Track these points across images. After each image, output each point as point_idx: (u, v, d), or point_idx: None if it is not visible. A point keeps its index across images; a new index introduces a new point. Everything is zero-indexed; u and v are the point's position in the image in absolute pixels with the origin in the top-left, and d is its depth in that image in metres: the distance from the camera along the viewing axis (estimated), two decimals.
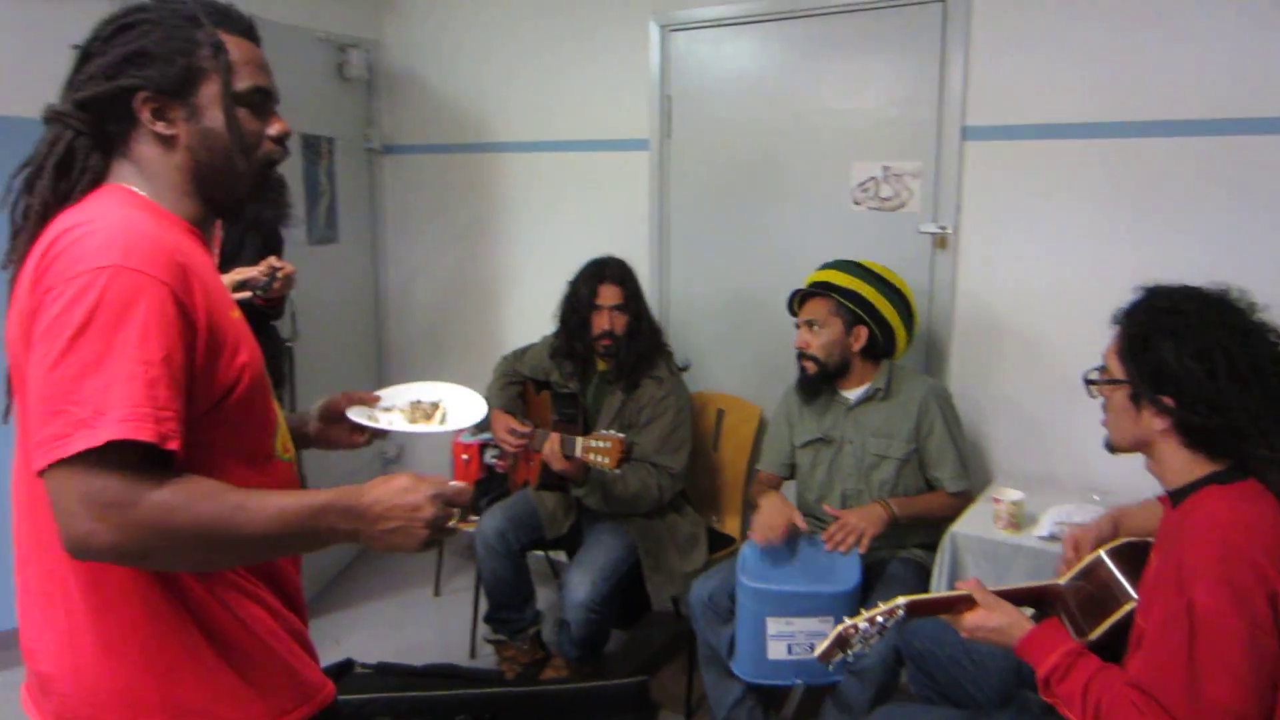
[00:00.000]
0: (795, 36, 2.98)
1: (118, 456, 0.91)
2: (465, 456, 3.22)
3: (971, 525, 2.25)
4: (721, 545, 2.89)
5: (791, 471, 2.66)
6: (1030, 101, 2.60)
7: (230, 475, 1.04)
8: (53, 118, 1.07)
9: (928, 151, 2.78)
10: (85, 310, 0.92)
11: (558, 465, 2.53)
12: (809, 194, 3.00)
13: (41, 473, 0.92)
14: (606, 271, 2.77)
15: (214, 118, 1.09)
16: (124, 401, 0.91)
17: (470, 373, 3.72)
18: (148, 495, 0.93)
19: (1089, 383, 1.55)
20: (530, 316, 3.27)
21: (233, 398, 1.05)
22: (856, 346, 2.48)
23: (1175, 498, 1.45)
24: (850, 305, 2.44)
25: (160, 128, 1.08)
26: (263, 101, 1.14)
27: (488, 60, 3.68)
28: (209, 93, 1.09)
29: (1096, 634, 1.51)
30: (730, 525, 3.02)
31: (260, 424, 1.13)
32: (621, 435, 2.46)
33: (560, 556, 3.31)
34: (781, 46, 3.02)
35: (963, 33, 2.66)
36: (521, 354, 3.04)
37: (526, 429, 2.70)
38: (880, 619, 1.49)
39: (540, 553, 3.33)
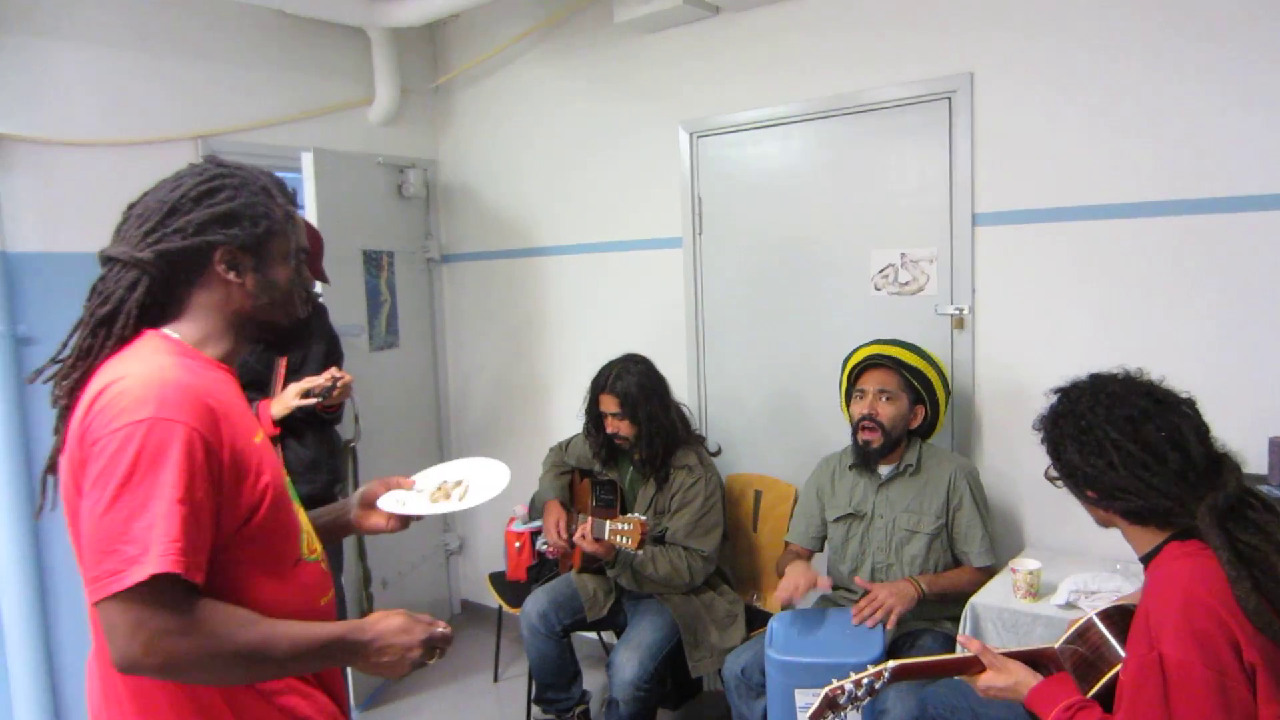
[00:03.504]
0: (813, 136, 3.19)
1: (163, 586, 1.05)
2: (518, 544, 3.39)
3: (992, 595, 2.31)
4: (762, 622, 2.97)
5: (821, 545, 2.76)
6: (1032, 188, 2.74)
7: (260, 585, 1.20)
8: (133, 263, 1.20)
9: (942, 237, 2.92)
10: (128, 461, 1.06)
11: (588, 547, 2.68)
12: (832, 282, 3.16)
13: (96, 604, 1.07)
14: (605, 381, 2.92)
15: (279, 270, 1.30)
16: (163, 539, 1.05)
17: (524, 464, 3.93)
18: (189, 623, 1.07)
19: (1050, 479, 1.68)
20: (578, 409, 3.46)
21: (258, 516, 1.19)
22: (913, 424, 2.58)
23: (1144, 562, 1.54)
24: (916, 384, 2.55)
25: (231, 276, 1.25)
26: (304, 259, 1.37)
27: (533, 172, 3.99)
28: (277, 249, 1.29)
29: (1090, 694, 1.57)
30: (770, 602, 3.10)
31: (285, 534, 1.27)
32: (643, 518, 2.61)
33: (612, 638, 3.42)
34: (801, 146, 3.23)
35: (967, 127, 2.83)
36: (566, 445, 3.22)
37: (564, 541, 2.87)
38: (867, 680, 1.59)
39: (591, 634, 3.44)
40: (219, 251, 1.23)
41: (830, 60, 3.10)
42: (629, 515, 2.60)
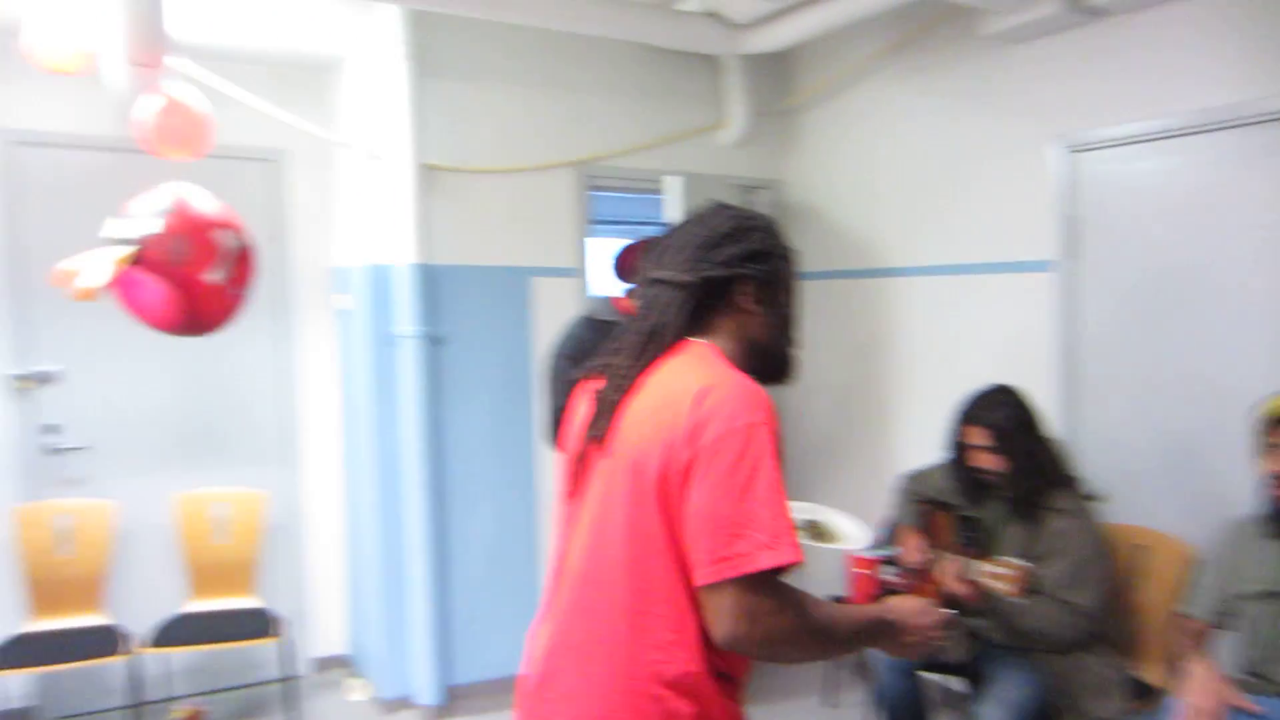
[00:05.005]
0: (1222, 148, 2.82)
1: (774, 570, 1.18)
2: (862, 572, 3.31)
3: None
4: (1141, 694, 2.66)
5: (1225, 622, 2.40)
6: None
7: None
8: (679, 285, 1.36)
9: None
10: (753, 458, 1.20)
11: (956, 587, 2.54)
12: (1242, 318, 2.77)
13: (713, 585, 1.19)
14: (973, 412, 2.75)
15: (785, 303, 1.44)
16: (788, 531, 1.19)
17: (864, 487, 3.86)
18: (785, 604, 1.21)
19: None
20: (923, 437, 3.33)
21: None
22: None
23: None
24: None
25: (750, 307, 1.39)
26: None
27: (882, 191, 3.90)
28: (784, 285, 1.44)
29: None
30: (1152, 672, 2.77)
31: None
32: (1025, 564, 2.42)
33: (955, 683, 3.24)
34: (1207, 159, 2.86)
35: None
36: (922, 474, 3.10)
37: (929, 558, 2.75)
38: None
39: (935, 675, 3.28)
40: (746, 283, 1.38)
41: (1236, 64, 2.72)
42: (1006, 559, 2.43)
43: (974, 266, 3.56)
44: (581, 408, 1.44)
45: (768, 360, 1.43)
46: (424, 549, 3.47)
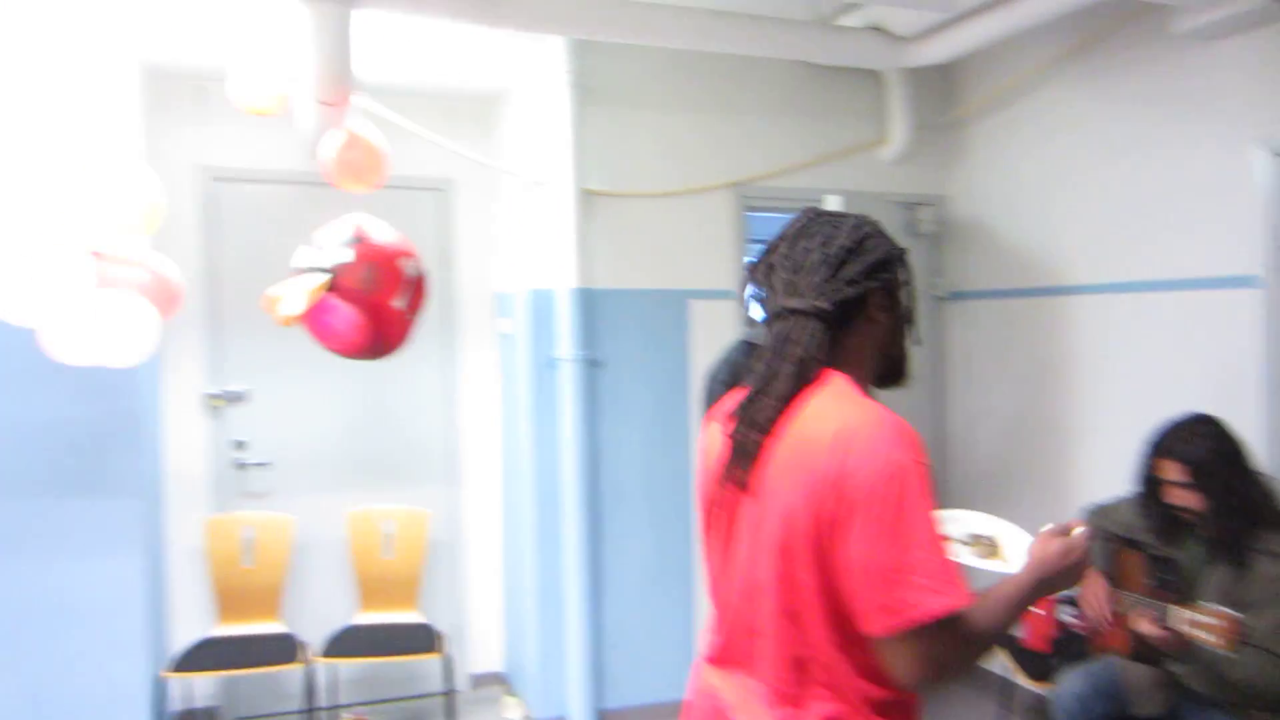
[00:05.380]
0: None
1: (946, 615, 1.16)
2: (1037, 611, 3.09)
3: None
4: None
5: None
6: None
7: None
8: (816, 313, 1.30)
9: None
10: (901, 499, 1.16)
11: (1153, 633, 2.33)
12: None
13: (883, 634, 1.17)
14: (1168, 444, 2.52)
15: (904, 304, 1.40)
16: (952, 575, 1.16)
17: (1036, 520, 3.62)
18: (960, 640, 1.19)
19: None
20: (1106, 468, 3.09)
21: None
22: None
23: None
24: None
25: (880, 317, 1.35)
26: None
27: (1057, 204, 3.68)
28: (902, 286, 1.39)
29: None
30: None
31: None
32: (1235, 614, 2.19)
33: None
34: None
35: None
36: (1107, 509, 2.87)
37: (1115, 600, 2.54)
38: None
39: None
40: (874, 296, 1.34)
41: None
42: (1212, 606, 2.21)
43: (1167, 283, 3.29)
44: (715, 443, 1.40)
45: (891, 364, 1.41)
46: (579, 571, 3.49)
